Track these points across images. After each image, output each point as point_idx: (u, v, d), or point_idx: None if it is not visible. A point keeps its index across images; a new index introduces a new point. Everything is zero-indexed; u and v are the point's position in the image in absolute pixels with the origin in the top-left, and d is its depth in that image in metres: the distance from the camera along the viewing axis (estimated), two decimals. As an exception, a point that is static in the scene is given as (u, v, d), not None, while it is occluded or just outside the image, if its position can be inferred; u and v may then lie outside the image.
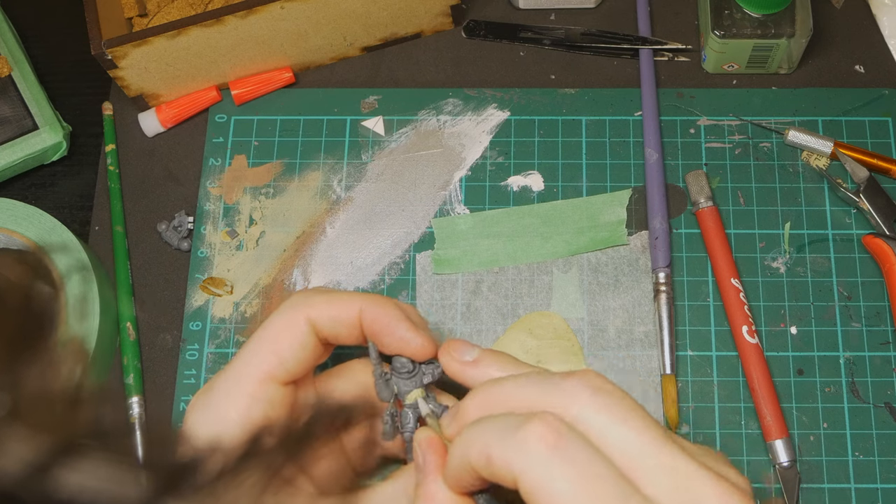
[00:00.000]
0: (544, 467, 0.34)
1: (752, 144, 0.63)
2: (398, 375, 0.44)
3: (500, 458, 0.35)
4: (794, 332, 0.58)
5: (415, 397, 0.44)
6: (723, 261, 0.58)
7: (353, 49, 0.66)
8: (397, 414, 0.44)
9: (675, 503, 0.34)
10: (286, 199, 0.63)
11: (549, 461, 0.34)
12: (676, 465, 0.34)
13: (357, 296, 0.45)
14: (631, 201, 0.61)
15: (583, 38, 0.66)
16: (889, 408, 0.56)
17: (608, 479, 0.33)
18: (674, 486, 0.34)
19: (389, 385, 0.44)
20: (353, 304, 0.44)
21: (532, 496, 0.34)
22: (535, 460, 0.34)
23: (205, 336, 0.59)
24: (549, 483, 0.33)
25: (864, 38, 0.66)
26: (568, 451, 0.34)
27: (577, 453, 0.34)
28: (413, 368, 0.44)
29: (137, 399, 0.57)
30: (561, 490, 0.33)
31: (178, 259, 0.61)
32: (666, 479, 0.34)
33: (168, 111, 0.64)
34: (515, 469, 0.34)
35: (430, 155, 0.63)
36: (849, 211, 0.61)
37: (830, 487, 0.54)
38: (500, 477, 0.35)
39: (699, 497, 0.34)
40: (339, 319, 0.44)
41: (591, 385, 0.36)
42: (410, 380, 0.44)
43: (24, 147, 0.62)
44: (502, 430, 0.35)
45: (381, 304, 0.44)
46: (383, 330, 0.44)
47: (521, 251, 0.60)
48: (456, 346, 0.43)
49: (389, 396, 0.44)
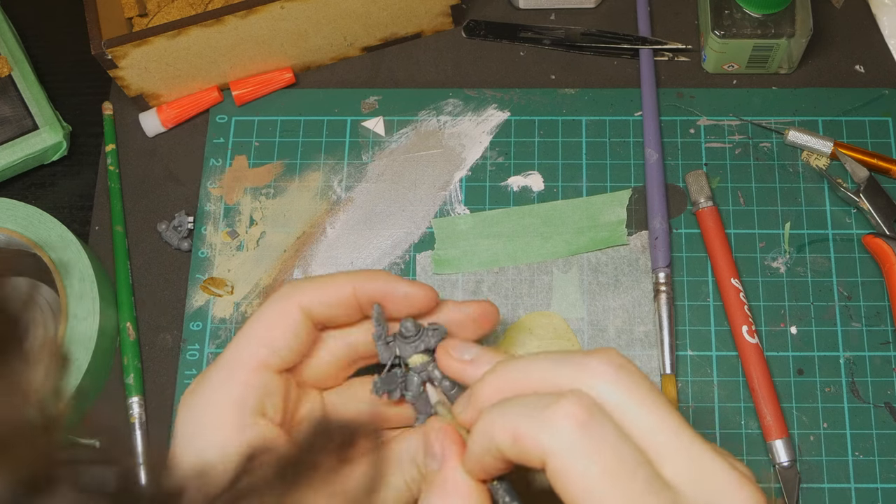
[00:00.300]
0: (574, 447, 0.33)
1: (752, 144, 0.63)
2: (402, 339, 0.44)
3: (529, 436, 0.34)
4: (794, 332, 0.58)
5: (417, 361, 0.44)
6: (723, 261, 0.58)
7: (353, 49, 0.66)
8: (402, 377, 0.44)
9: (692, 487, 0.34)
10: (287, 199, 0.63)
11: (580, 440, 0.34)
12: (694, 451, 0.35)
13: (346, 275, 0.44)
14: (631, 201, 0.61)
15: (583, 38, 0.66)
16: (889, 408, 0.56)
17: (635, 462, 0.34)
18: (691, 470, 0.34)
19: (391, 348, 0.44)
20: (345, 284, 0.44)
21: (560, 476, 0.34)
22: (564, 439, 0.34)
23: (205, 336, 0.59)
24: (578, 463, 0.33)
25: (864, 38, 0.66)
26: (598, 430, 0.34)
27: (606, 434, 0.34)
28: (417, 333, 0.44)
29: (137, 399, 0.57)
30: (590, 471, 0.33)
31: (178, 259, 0.61)
32: (684, 463, 0.34)
33: (169, 111, 0.64)
34: (545, 447, 0.34)
35: (431, 155, 0.63)
36: (849, 211, 0.61)
37: (830, 487, 0.54)
38: (527, 456, 0.35)
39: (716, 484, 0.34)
40: (333, 302, 0.44)
41: (614, 363, 0.36)
42: (412, 344, 0.44)
43: (24, 147, 0.62)
44: (530, 409, 0.35)
45: (373, 276, 0.44)
46: (384, 296, 0.44)
47: (521, 251, 0.60)
48: (454, 344, 0.43)
49: (389, 358, 0.44)
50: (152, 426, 0.57)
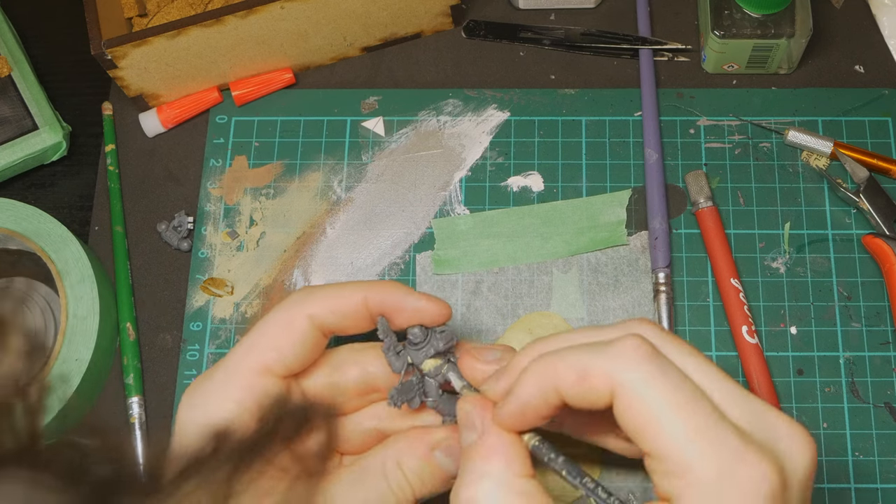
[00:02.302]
0: (643, 377, 0.35)
1: (752, 144, 0.63)
2: (412, 346, 0.44)
3: (599, 369, 0.36)
4: (794, 332, 0.58)
5: (430, 365, 0.44)
6: (723, 261, 0.58)
7: (353, 49, 0.66)
8: (419, 382, 0.44)
9: (752, 427, 0.35)
10: (286, 199, 0.63)
11: (649, 372, 0.35)
12: (748, 398, 0.36)
13: (358, 285, 0.45)
14: (631, 201, 0.61)
15: (583, 38, 0.66)
16: (889, 408, 0.56)
17: (701, 396, 0.35)
18: (749, 413, 0.36)
19: (402, 356, 0.44)
20: (356, 294, 0.44)
21: (630, 408, 0.35)
22: (634, 371, 0.35)
23: (205, 336, 0.59)
24: (649, 394, 0.35)
25: (864, 38, 0.66)
26: (664, 365, 0.35)
27: (671, 369, 0.35)
28: (425, 338, 0.44)
29: (137, 399, 0.57)
30: (661, 401, 0.34)
31: (178, 259, 0.61)
32: (742, 407, 0.36)
33: (169, 111, 0.64)
34: (615, 380, 0.35)
35: (430, 155, 0.63)
36: (849, 211, 0.61)
37: (830, 487, 0.54)
38: (593, 393, 0.36)
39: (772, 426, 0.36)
40: (343, 312, 0.44)
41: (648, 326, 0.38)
42: (422, 349, 0.44)
43: (24, 147, 0.62)
44: (593, 348, 0.36)
45: (384, 287, 0.44)
46: (395, 308, 0.44)
47: (520, 251, 0.60)
48: (479, 349, 0.44)
49: (402, 367, 0.44)
50: (152, 426, 0.57)
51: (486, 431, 0.39)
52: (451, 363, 0.44)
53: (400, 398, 0.44)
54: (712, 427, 0.34)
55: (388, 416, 0.46)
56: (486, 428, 0.39)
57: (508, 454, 0.38)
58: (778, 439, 0.36)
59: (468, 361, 0.44)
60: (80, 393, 0.56)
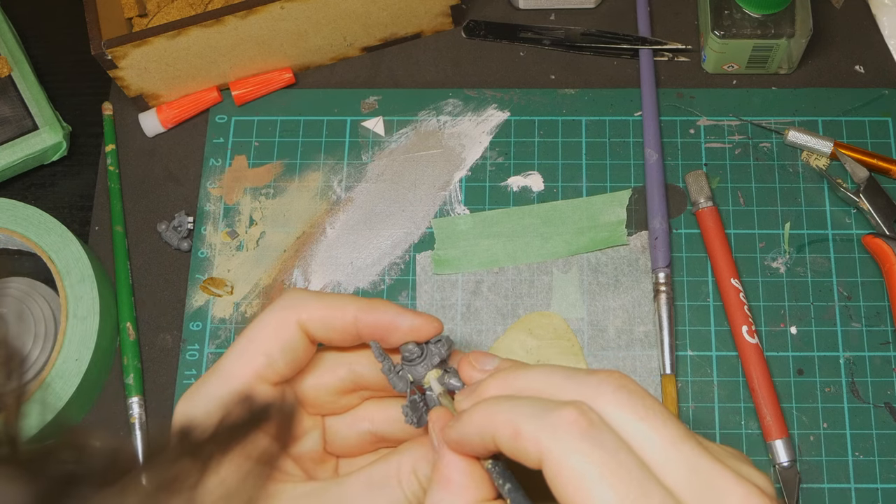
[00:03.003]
0: (574, 449, 0.34)
1: (752, 144, 0.63)
2: (409, 364, 0.44)
3: (530, 434, 0.35)
4: (794, 332, 0.58)
5: (431, 378, 0.44)
6: (723, 261, 0.58)
7: (353, 49, 0.66)
8: (422, 400, 0.44)
9: (695, 498, 0.34)
10: (286, 199, 0.63)
11: (580, 444, 0.34)
12: (697, 462, 0.35)
13: (350, 301, 0.44)
14: (631, 201, 0.61)
15: (583, 38, 0.66)
16: (889, 408, 0.56)
17: (633, 466, 0.34)
18: (694, 481, 0.34)
19: (403, 376, 0.44)
20: (348, 309, 0.44)
21: (557, 477, 0.34)
22: (565, 441, 0.34)
23: (205, 336, 0.59)
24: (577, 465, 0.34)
25: (864, 38, 0.66)
26: (597, 437, 0.34)
27: (606, 440, 0.34)
28: (422, 352, 0.44)
29: (137, 399, 0.57)
30: (588, 473, 0.34)
31: (178, 259, 0.61)
32: (686, 474, 0.35)
33: (169, 111, 0.64)
34: (544, 447, 0.35)
35: (430, 155, 0.63)
36: (849, 211, 0.61)
37: (830, 487, 0.54)
38: (523, 453, 0.35)
39: (720, 495, 0.34)
40: (333, 324, 0.44)
41: (615, 382, 0.37)
42: (422, 364, 0.44)
43: (24, 147, 0.62)
44: (534, 409, 0.36)
45: (376, 307, 0.44)
46: (387, 328, 0.44)
47: (521, 251, 0.60)
48: (477, 357, 0.44)
49: (406, 387, 0.44)
50: (152, 426, 0.57)
51: (442, 454, 0.39)
52: (447, 372, 0.44)
53: (413, 415, 0.44)
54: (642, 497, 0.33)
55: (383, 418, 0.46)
56: (441, 450, 0.39)
57: (462, 480, 0.38)
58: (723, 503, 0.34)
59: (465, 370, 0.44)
60: (80, 393, 0.56)
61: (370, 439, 0.46)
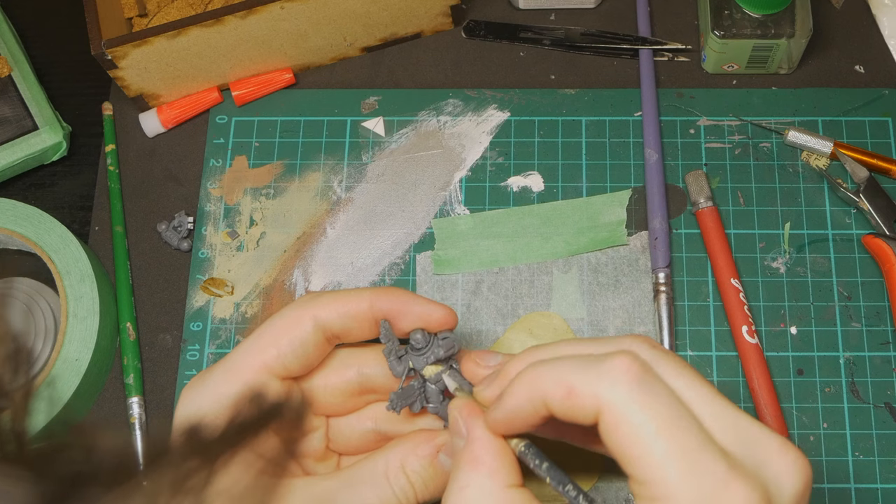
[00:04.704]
0: (631, 399, 0.34)
1: (752, 144, 0.63)
2: (414, 351, 0.44)
3: (585, 388, 0.35)
4: (794, 332, 0.58)
5: (431, 371, 0.44)
6: (723, 261, 0.58)
7: (353, 49, 0.66)
8: (420, 390, 0.44)
9: (740, 451, 0.34)
10: (287, 199, 0.63)
11: (637, 392, 0.34)
12: (738, 419, 0.35)
13: (365, 290, 0.45)
14: (631, 201, 0.61)
15: (583, 38, 0.66)
16: (889, 408, 0.56)
17: (689, 419, 0.34)
18: (738, 436, 0.35)
19: (403, 361, 0.44)
20: (362, 298, 0.44)
21: (615, 429, 0.34)
22: (622, 390, 0.34)
23: (205, 336, 0.59)
24: (635, 416, 0.34)
25: (864, 38, 0.66)
26: (653, 385, 0.34)
27: (660, 389, 0.34)
28: (427, 343, 0.44)
29: (137, 399, 0.57)
30: (646, 424, 0.33)
31: (178, 259, 0.61)
32: (731, 429, 0.35)
33: (169, 112, 0.64)
34: (602, 399, 0.34)
35: (431, 155, 0.63)
36: (849, 211, 0.61)
37: (830, 487, 0.54)
38: (579, 410, 0.35)
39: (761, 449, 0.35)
40: (350, 315, 0.44)
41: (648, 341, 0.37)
42: (424, 355, 0.44)
43: (24, 147, 0.62)
44: (583, 364, 0.36)
45: (390, 293, 0.45)
46: (400, 312, 0.44)
47: (521, 251, 0.60)
48: (480, 354, 0.44)
49: (402, 372, 0.44)
50: (152, 426, 0.57)
51: (472, 438, 0.39)
52: (453, 369, 0.44)
53: (400, 403, 0.44)
54: (697, 451, 0.33)
55: (386, 418, 0.46)
56: (472, 434, 0.39)
57: (494, 463, 0.38)
58: (768, 463, 0.34)
59: (469, 366, 0.44)
60: (80, 393, 0.56)
61: (373, 437, 0.46)
